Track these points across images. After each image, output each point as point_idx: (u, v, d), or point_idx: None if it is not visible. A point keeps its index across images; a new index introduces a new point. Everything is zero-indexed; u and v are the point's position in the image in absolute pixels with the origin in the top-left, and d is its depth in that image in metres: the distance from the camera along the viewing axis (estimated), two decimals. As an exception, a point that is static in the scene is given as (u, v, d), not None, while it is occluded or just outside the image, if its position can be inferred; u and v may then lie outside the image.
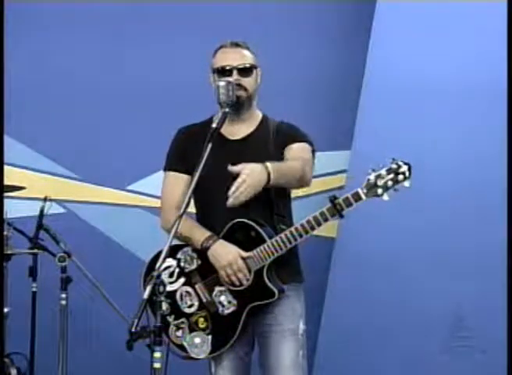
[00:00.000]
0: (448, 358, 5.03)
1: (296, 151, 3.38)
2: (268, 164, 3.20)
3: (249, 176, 3.15)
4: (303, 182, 3.36)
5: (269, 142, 3.40)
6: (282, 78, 5.14)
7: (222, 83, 3.29)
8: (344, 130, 5.32)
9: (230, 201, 3.16)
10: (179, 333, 3.33)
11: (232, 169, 3.17)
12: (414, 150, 5.00)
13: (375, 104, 5.17)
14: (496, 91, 5.00)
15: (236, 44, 3.42)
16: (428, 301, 5.04)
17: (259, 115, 3.49)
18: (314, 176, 3.50)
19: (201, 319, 3.32)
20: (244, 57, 3.40)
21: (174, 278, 3.33)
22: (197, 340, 3.31)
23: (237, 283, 3.26)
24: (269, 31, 5.33)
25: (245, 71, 3.38)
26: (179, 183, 3.42)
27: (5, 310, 4.49)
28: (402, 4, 5.12)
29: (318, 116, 5.37)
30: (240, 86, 3.33)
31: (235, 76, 3.35)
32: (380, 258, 5.07)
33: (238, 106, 3.34)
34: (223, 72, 3.37)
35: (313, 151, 3.44)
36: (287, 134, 3.42)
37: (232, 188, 3.14)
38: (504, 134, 4.89)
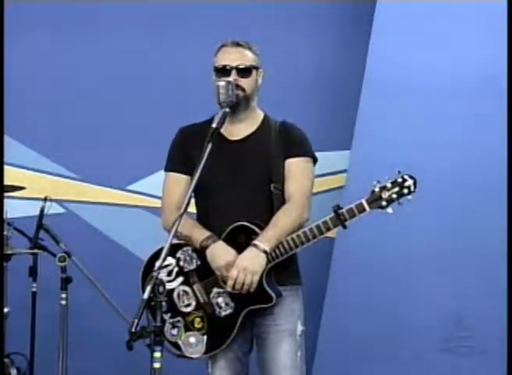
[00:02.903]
0: (448, 358, 5.03)
1: (296, 172, 3.36)
2: (259, 243, 3.21)
3: (243, 270, 3.17)
4: (300, 227, 3.33)
5: (271, 142, 3.39)
6: (282, 78, 5.14)
7: (221, 83, 3.29)
8: (344, 130, 5.32)
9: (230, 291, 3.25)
10: (175, 331, 3.33)
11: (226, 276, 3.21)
12: (414, 150, 5.01)
13: (374, 104, 5.16)
14: (496, 90, 4.99)
15: (237, 44, 3.41)
16: (427, 301, 5.03)
17: (260, 115, 3.48)
18: (314, 176, 3.49)
19: (198, 319, 3.32)
20: (244, 57, 3.39)
21: (172, 277, 3.34)
22: (192, 339, 3.32)
23: (231, 287, 3.25)
24: (269, 31, 5.32)
25: (244, 71, 3.37)
26: (179, 184, 3.42)
27: (5, 310, 4.49)
28: (402, 4, 5.12)
29: (318, 115, 5.37)
30: (237, 86, 3.33)
31: (233, 76, 3.35)
32: (380, 258, 5.06)
33: (235, 106, 3.33)
34: (222, 71, 3.37)
35: (314, 161, 3.44)
36: (291, 140, 3.41)
37: (229, 288, 3.21)
38: (504, 133, 4.89)
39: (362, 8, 5.33)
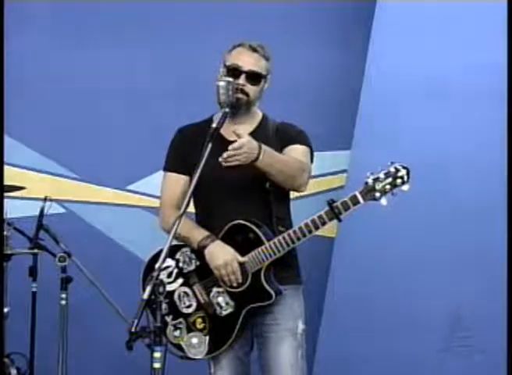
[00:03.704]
0: (447, 358, 5.03)
1: (295, 153, 3.36)
2: (263, 145, 3.20)
3: (246, 145, 3.14)
4: (295, 182, 3.31)
5: (269, 142, 3.38)
6: (281, 78, 5.09)
7: (221, 83, 3.27)
8: (344, 130, 5.32)
9: (221, 160, 3.15)
10: (177, 333, 3.33)
11: (236, 132, 3.16)
12: (414, 150, 5.01)
13: (374, 104, 5.17)
14: (496, 90, 5.00)
15: (254, 49, 3.36)
16: (427, 301, 5.04)
17: (259, 115, 3.47)
18: (314, 176, 3.50)
19: (199, 320, 3.32)
20: (258, 64, 3.35)
21: (172, 278, 3.34)
22: (195, 340, 3.32)
23: (229, 284, 3.27)
24: (269, 31, 5.31)
25: (253, 79, 3.34)
26: (178, 184, 3.42)
27: (5, 310, 4.49)
28: (402, 4, 5.12)
29: (318, 116, 5.37)
30: (242, 91, 3.31)
31: (242, 80, 3.33)
32: (380, 258, 5.07)
33: (236, 107, 3.32)
34: (232, 71, 3.35)
35: (311, 155, 3.44)
36: (288, 134, 3.41)
37: (229, 152, 3.14)
38: (505, 134, 4.89)
39: (362, 8, 5.33)
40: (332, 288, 5.14)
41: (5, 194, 4.51)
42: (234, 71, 3.33)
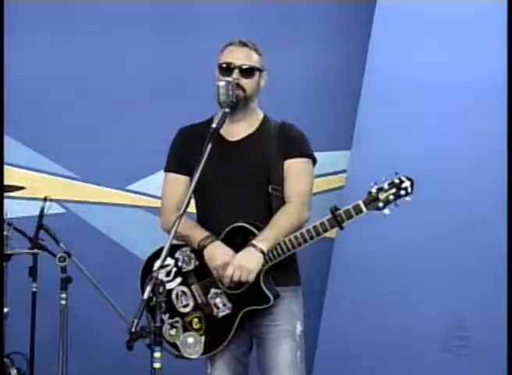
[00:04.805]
0: (447, 358, 5.03)
1: (295, 175, 3.36)
2: (254, 240, 3.21)
3: (239, 268, 3.17)
4: (301, 224, 3.33)
5: (270, 143, 3.39)
6: (281, 78, 5.12)
7: (221, 83, 3.28)
8: (344, 130, 5.32)
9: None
10: (173, 332, 3.33)
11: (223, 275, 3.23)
12: (414, 150, 5.01)
13: (374, 104, 5.17)
14: (496, 91, 5.00)
15: (244, 44, 3.39)
16: (427, 301, 5.04)
17: (260, 115, 3.47)
18: (314, 177, 3.49)
19: (196, 320, 3.32)
20: (249, 58, 3.37)
21: (171, 277, 3.34)
22: (190, 340, 3.32)
23: (227, 285, 3.27)
24: (269, 31, 5.32)
25: (246, 72, 3.36)
26: (179, 185, 3.42)
27: (5, 310, 4.49)
28: (402, 4, 5.12)
29: (318, 116, 5.37)
30: (238, 86, 3.32)
31: (235, 75, 3.34)
32: (380, 259, 5.06)
33: (233, 106, 3.32)
34: (225, 69, 3.36)
35: (313, 162, 3.44)
36: (290, 139, 3.40)
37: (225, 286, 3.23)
38: (504, 134, 4.89)
39: (362, 8, 5.33)
40: (332, 288, 5.14)
41: (5, 194, 4.51)
42: (227, 68, 3.34)
